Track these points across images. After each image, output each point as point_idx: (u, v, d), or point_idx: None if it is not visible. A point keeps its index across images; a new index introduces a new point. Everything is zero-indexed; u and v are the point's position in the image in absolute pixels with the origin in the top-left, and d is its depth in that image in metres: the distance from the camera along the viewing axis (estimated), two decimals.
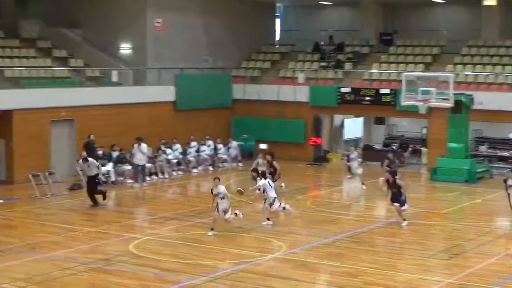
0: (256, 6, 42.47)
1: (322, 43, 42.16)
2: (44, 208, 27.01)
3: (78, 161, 28.72)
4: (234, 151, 37.34)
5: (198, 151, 35.93)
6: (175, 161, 34.45)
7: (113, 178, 31.21)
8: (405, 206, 23.22)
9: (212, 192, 22.35)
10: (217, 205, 22.03)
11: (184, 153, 35.34)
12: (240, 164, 36.91)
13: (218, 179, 22.62)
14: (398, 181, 23.16)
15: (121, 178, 31.98)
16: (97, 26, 38.06)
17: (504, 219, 26.18)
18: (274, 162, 28.72)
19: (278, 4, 45.26)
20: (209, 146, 36.54)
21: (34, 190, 28.07)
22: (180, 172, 34.22)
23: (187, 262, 19.29)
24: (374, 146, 38.83)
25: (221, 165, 36.47)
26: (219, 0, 39.63)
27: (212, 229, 22.06)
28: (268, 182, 24.15)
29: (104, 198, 27.12)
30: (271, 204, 23.68)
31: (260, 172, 26.95)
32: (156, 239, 22.29)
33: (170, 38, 38.00)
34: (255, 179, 28.54)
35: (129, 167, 32.13)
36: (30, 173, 28.61)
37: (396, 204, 23.08)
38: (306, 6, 45.02)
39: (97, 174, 27.29)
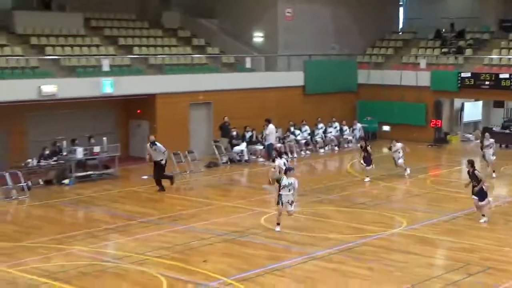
0: None
1: (443, 30, 40.89)
2: (183, 183, 27.47)
3: (147, 145, 26.68)
4: (358, 133, 36.75)
5: (325, 132, 35.52)
6: (303, 141, 34.19)
7: (246, 157, 31.49)
8: (485, 201, 19.72)
9: (278, 182, 20.03)
10: (280, 196, 19.45)
11: (312, 134, 35.02)
12: (362, 144, 35.69)
13: (292, 169, 20.60)
14: (476, 172, 19.81)
15: (254, 157, 32.10)
16: (232, 16, 38.38)
17: None
18: (368, 148, 27.37)
19: None
20: (335, 127, 36.22)
21: (175, 167, 28.27)
22: (308, 152, 33.81)
23: (314, 235, 19.17)
24: (493, 128, 36.84)
25: (346, 146, 35.99)
26: None
27: (278, 224, 19.62)
28: (284, 163, 23.05)
29: (172, 183, 25.72)
30: None
31: (278, 151, 25.69)
32: (285, 214, 21.29)
33: (299, 27, 37.57)
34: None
35: (261, 147, 32.09)
36: (171, 152, 28.69)
37: (475, 197, 19.84)
38: None
39: (162, 160, 25.71)
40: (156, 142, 25.73)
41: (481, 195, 19.43)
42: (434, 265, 16.92)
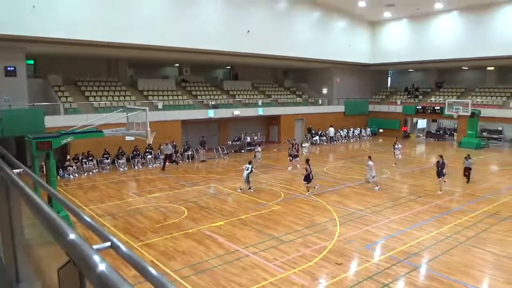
0: (380, 71, 39.50)
1: (409, 87, 38.32)
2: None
3: (163, 144, 21.50)
4: (368, 132, 35.25)
5: (353, 132, 34.08)
6: (343, 135, 33.03)
7: (318, 142, 30.88)
8: (309, 183, 15.49)
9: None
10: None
11: (347, 133, 33.71)
12: (370, 138, 34.37)
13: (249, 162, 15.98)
14: (307, 167, 15.57)
15: (321, 142, 31.10)
16: (314, 82, 37.23)
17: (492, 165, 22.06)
18: (297, 147, 21.55)
19: (389, 71, 41.51)
20: (358, 130, 34.65)
21: (287, 145, 27.51)
22: (345, 141, 32.65)
23: (348, 176, 18.07)
24: (431, 131, 35.09)
25: (363, 138, 34.25)
26: (364, 70, 37.15)
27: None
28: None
29: (176, 164, 21.22)
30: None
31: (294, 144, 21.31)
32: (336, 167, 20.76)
33: (342, 86, 36.22)
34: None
35: (324, 138, 31.41)
36: (286, 139, 28.49)
37: (304, 182, 15.62)
38: (402, 72, 41.07)
39: (171, 154, 21.03)
40: (168, 144, 21.19)
41: (307, 179, 15.45)
42: (402, 192, 16.29)
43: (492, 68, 33.67)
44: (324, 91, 36.37)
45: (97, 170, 20.11)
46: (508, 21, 27.22)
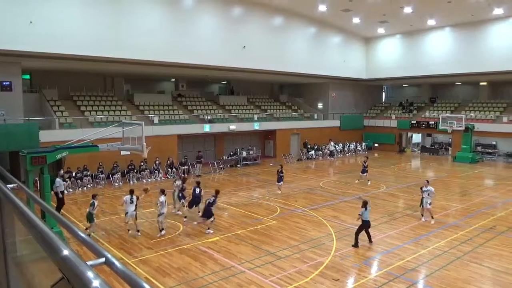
0: (375, 86, 39.73)
1: (403, 102, 38.68)
2: (289, 165, 26.15)
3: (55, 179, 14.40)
4: (364, 147, 35.23)
5: (348, 146, 34.04)
6: (339, 149, 32.93)
7: (314, 156, 30.71)
8: (208, 220, 12.44)
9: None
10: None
11: (343, 147, 33.65)
12: (365, 152, 34.09)
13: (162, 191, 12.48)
14: (212, 206, 12.56)
15: (317, 157, 30.93)
16: (309, 96, 37.34)
17: (487, 179, 22.18)
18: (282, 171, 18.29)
19: (384, 86, 41.85)
20: (353, 144, 34.67)
21: (283, 160, 27.94)
22: (341, 155, 32.55)
23: (342, 190, 17.92)
24: (426, 146, 35.17)
25: (358, 153, 34.13)
26: (359, 85, 37.32)
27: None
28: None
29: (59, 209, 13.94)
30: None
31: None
32: (333, 181, 20.56)
33: (338, 101, 36.36)
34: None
35: (320, 152, 31.24)
36: (282, 154, 28.63)
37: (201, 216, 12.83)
38: (396, 86, 41.57)
39: (62, 192, 14.51)
40: (61, 174, 15.79)
41: (206, 214, 12.41)
42: (398, 206, 16.19)
43: (485, 83, 34.12)
44: (320, 105, 36.55)
45: (91, 185, 19.95)
46: (499, 37, 27.74)
